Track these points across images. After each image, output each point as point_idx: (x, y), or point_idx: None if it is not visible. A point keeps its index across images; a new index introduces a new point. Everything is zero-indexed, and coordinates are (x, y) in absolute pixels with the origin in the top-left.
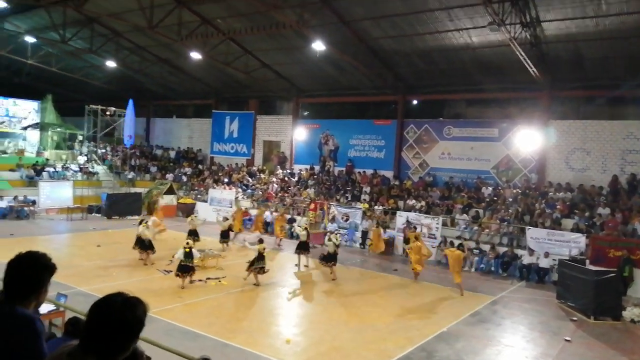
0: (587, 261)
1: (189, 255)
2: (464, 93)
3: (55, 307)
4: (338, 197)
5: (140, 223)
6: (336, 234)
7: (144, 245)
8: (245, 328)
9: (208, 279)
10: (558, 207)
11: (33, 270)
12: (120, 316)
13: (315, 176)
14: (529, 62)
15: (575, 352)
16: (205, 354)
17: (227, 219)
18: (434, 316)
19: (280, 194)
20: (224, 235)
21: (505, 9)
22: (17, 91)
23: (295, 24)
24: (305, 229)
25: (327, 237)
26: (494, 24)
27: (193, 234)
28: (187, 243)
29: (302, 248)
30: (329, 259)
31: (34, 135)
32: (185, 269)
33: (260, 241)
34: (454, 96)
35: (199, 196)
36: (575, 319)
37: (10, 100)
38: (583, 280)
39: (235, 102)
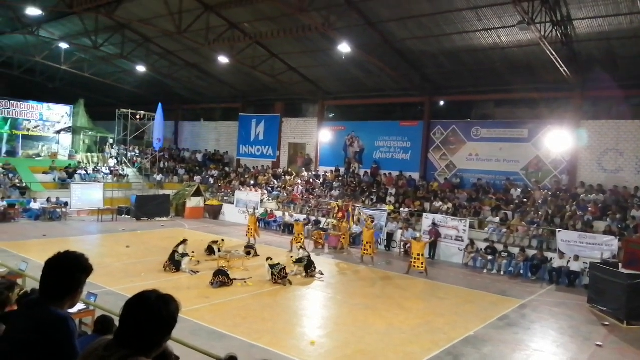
0: (620, 264)
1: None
2: (492, 93)
3: (85, 306)
4: (363, 199)
5: (182, 243)
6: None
7: (176, 263)
8: (271, 329)
9: (234, 279)
10: (590, 209)
11: (71, 271)
12: (154, 312)
13: (340, 178)
14: (559, 61)
15: (607, 357)
16: (231, 352)
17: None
18: (461, 320)
19: (305, 196)
20: (251, 248)
21: (535, 7)
22: (50, 96)
23: (320, 27)
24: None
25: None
26: (523, 22)
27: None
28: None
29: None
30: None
31: (66, 139)
32: (222, 273)
33: (267, 259)
34: (482, 97)
35: (225, 198)
36: (607, 323)
37: (45, 105)
38: (615, 284)
39: (262, 105)
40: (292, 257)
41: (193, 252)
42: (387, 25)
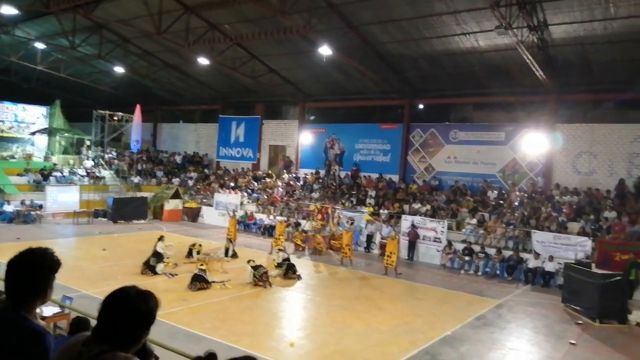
0: (593, 265)
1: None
2: (470, 97)
3: (60, 310)
4: (343, 201)
5: (159, 239)
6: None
7: (151, 268)
8: (250, 331)
9: (213, 282)
10: (564, 210)
11: (37, 271)
12: (133, 307)
13: (320, 180)
14: (536, 65)
15: (581, 355)
16: (210, 349)
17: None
18: (438, 320)
19: (285, 198)
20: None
21: (513, 12)
22: (26, 97)
23: (302, 29)
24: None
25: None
26: (501, 27)
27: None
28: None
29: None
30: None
31: (42, 140)
32: (200, 278)
33: (248, 262)
34: (461, 100)
35: (204, 200)
36: (580, 322)
37: (20, 106)
38: (589, 284)
39: (242, 107)
40: (274, 260)
41: (169, 257)
42: (367, 29)
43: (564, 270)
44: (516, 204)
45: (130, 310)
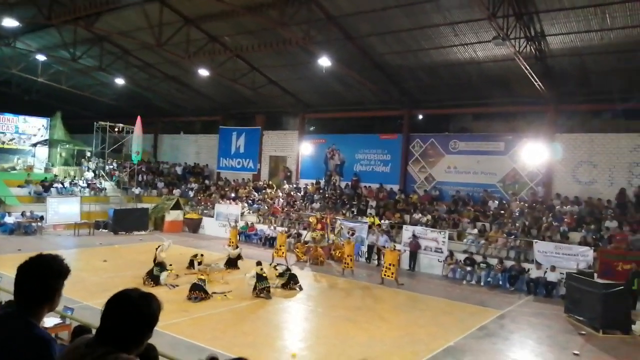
0: (595, 274)
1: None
2: (469, 107)
3: (61, 321)
4: (344, 212)
5: (157, 249)
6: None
7: (154, 277)
8: (251, 342)
9: (214, 293)
10: (565, 220)
11: (46, 276)
12: (136, 309)
13: (321, 190)
14: (534, 76)
15: None
16: (212, 354)
17: (238, 247)
18: (441, 330)
19: (286, 209)
20: (231, 263)
21: (510, 23)
22: (27, 108)
23: (301, 41)
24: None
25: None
26: (498, 38)
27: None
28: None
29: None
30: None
31: (42, 152)
32: (198, 288)
33: (258, 263)
34: (460, 110)
35: (205, 211)
36: (583, 332)
37: (21, 118)
38: (591, 294)
39: (242, 118)
40: (276, 267)
41: (171, 265)
42: (366, 40)
43: (566, 280)
44: (517, 213)
45: (133, 313)
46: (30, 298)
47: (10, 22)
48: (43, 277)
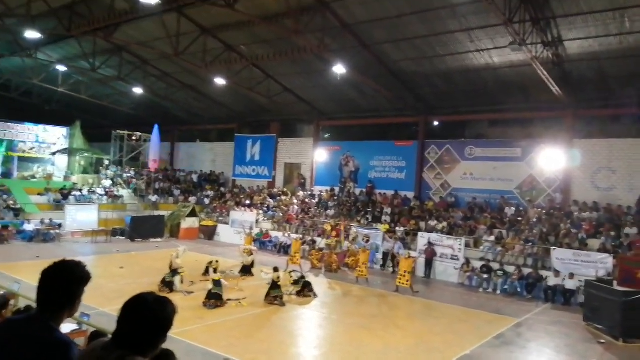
0: (615, 282)
1: (218, 283)
2: (485, 113)
3: (78, 327)
4: (359, 219)
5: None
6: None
7: (167, 284)
8: (266, 349)
9: (229, 300)
10: (584, 227)
11: (68, 281)
12: (151, 313)
13: (335, 197)
14: (551, 81)
15: None
16: (227, 356)
17: (252, 254)
18: (457, 338)
19: (301, 216)
20: (246, 270)
21: (527, 28)
22: (47, 118)
23: (316, 49)
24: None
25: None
26: (515, 44)
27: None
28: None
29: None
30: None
31: (62, 161)
32: (215, 297)
33: (275, 270)
34: (476, 117)
35: (220, 218)
36: (603, 341)
37: (41, 127)
38: (611, 302)
39: (257, 125)
40: (291, 273)
41: (182, 268)
42: (381, 47)
43: (585, 287)
44: (534, 220)
45: (148, 317)
46: (52, 302)
47: (32, 34)
48: (66, 282)
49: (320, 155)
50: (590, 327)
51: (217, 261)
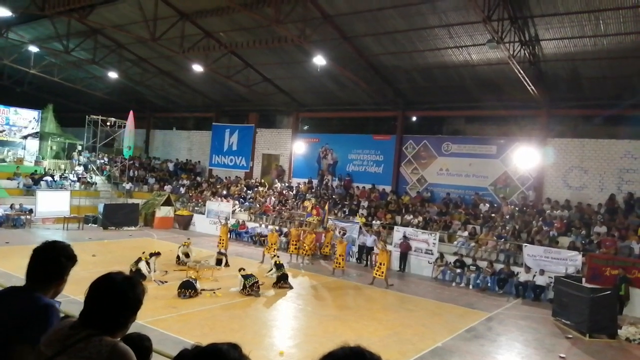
0: (584, 279)
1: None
2: (463, 110)
3: None
4: (336, 211)
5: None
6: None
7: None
8: (239, 339)
9: (203, 290)
10: (555, 224)
11: (58, 258)
12: (120, 292)
13: (313, 190)
14: (527, 80)
15: None
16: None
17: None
18: (428, 331)
19: (277, 207)
20: (221, 261)
21: (505, 27)
22: (18, 100)
23: (296, 39)
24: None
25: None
26: (492, 41)
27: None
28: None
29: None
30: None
31: (33, 145)
32: (189, 285)
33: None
34: (453, 113)
35: (196, 208)
36: (570, 336)
37: (12, 109)
38: (579, 298)
39: (236, 115)
40: (275, 257)
41: (158, 251)
42: (361, 40)
43: (555, 284)
44: (507, 217)
45: (117, 295)
46: (41, 274)
47: (3, 12)
48: (57, 256)
49: (298, 147)
50: (558, 322)
51: (188, 239)
